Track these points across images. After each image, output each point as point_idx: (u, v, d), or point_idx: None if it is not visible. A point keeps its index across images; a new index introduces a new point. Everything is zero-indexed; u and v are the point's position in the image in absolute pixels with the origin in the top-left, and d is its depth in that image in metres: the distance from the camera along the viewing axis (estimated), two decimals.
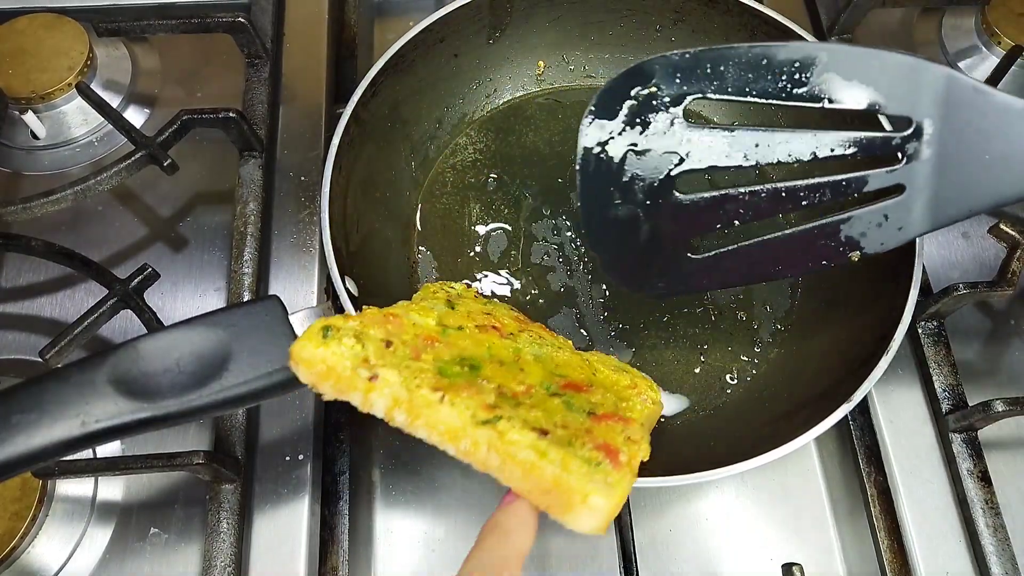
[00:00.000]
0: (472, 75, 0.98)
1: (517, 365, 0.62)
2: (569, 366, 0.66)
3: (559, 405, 0.57)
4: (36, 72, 0.99)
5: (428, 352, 0.58)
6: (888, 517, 0.81)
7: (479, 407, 0.53)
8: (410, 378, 0.54)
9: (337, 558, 0.80)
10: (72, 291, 0.90)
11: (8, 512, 0.75)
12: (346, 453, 0.84)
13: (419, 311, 0.63)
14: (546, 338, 0.72)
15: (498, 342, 0.64)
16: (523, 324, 0.73)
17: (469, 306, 0.70)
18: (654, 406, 0.67)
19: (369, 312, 0.61)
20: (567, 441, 0.53)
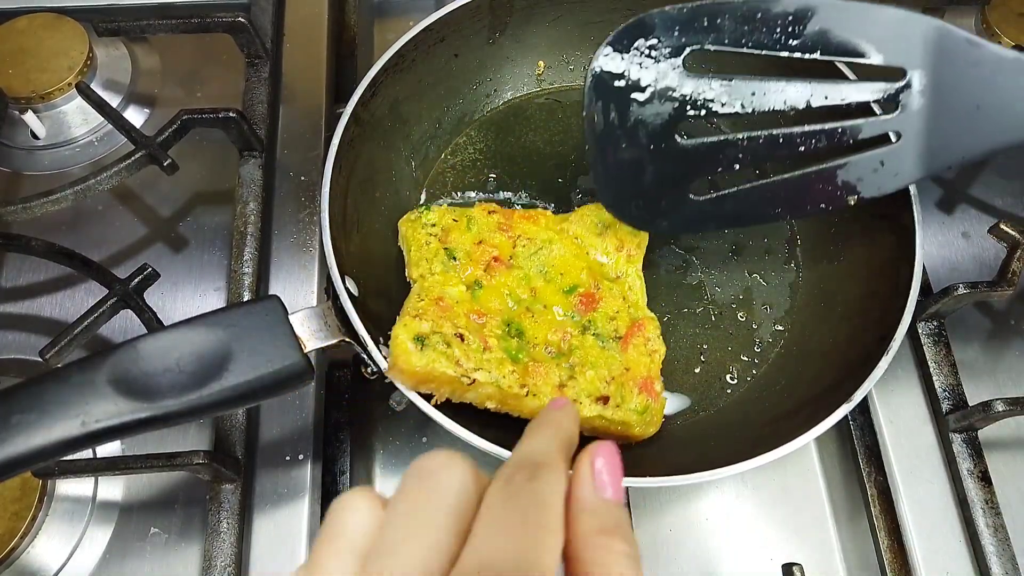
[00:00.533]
0: (472, 75, 0.98)
1: (537, 302, 0.78)
2: (569, 267, 0.80)
3: (594, 344, 0.76)
4: (36, 72, 0.99)
5: (484, 331, 0.73)
6: (888, 517, 0.81)
7: (552, 390, 0.72)
8: (498, 376, 0.70)
9: None
10: (72, 291, 0.90)
11: (8, 512, 0.75)
12: (346, 453, 0.84)
13: (445, 282, 0.76)
14: (532, 235, 0.81)
15: (508, 280, 0.78)
16: (507, 230, 0.81)
17: (461, 243, 0.79)
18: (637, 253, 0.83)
19: (424, 306, 0.72)
20: (620, 398, 0.74)
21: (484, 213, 0.83)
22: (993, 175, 1.01)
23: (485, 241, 0.80)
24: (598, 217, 0.84)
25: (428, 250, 0.79)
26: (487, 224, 0.82)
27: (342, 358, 0.89)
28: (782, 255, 0.92)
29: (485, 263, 0.78)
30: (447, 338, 0.69)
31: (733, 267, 0.91)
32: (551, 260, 0.81)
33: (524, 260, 0.80)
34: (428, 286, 0.75)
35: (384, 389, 0.78)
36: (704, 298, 0.89)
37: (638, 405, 0.74)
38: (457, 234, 0.80)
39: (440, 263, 0.78)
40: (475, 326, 0.73)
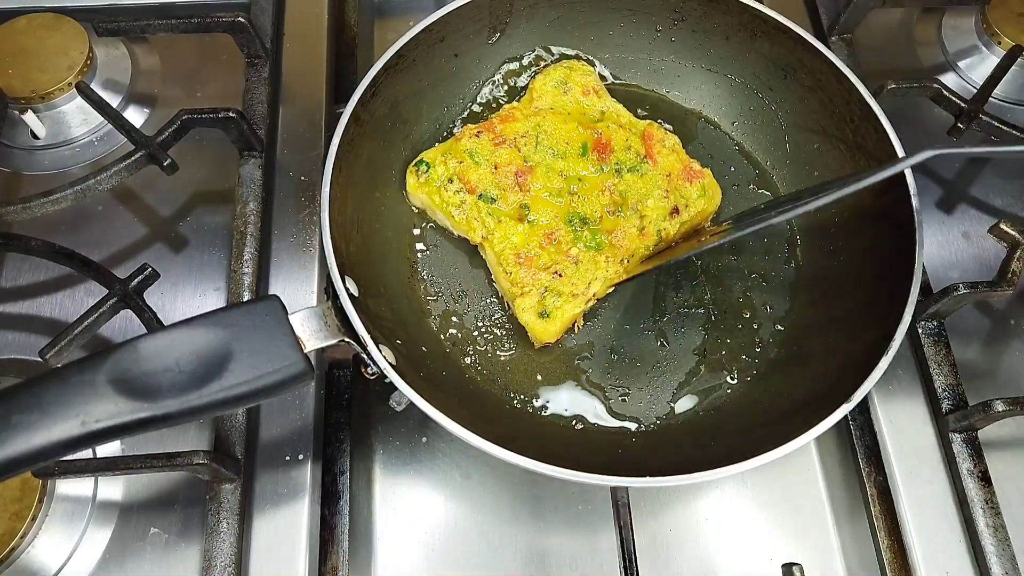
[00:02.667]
0: (472, 75, 0.98)
1: (569, 181, 0.87)
2: (567, 135, 0.89)
3: (634, 178, 0.87)
4: (36, 72, 0.99)
5: (565, 247, 0.84)
6: (888, 517, 0.81)
7: (638, 241, 0.85)
8: (607, 275, 0.85)
9: (337, 558, 0.80)
10: (72, 291, 0.90)
11: (8, 512, 0.75)
12: (346, 453, 0.84)
13: (508, 233, 0.84)
14: (523, 130, 0.89)
15: (539, 181, 0.86)
16: (502, 141, 0.88)
17: (483, 180, 0.86)
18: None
19: (546, 268, 0.83)
20: (682, 199, 0.88)
21: (473, 139, 0.88)
22: (993, 175, 1.01)
23: (499, 164, 0.86)
24: (551, 79, 0.93)
25: (471, 209, 0.85)
26: (485, 148, 0.88)
27: (342, 358, 0.89)
28: (782, 255, 0.92)
29: (515, 183, 0.86)
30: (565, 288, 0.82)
31: (733, 267, 0.91)
32: (552, 139, 0.88)
33: (535, 155, 0.87)
34: (506, 249, 0.83)
35: (384, 389, 0.78)
36: (704, 298, 0.89)
37: (697, 192, 0.87)
38: (473, 173, 0.86)
39: (487, 214, 0.84)
40: (560, 249, 0.84)
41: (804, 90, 0.92)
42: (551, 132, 0.89)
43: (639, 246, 0.86)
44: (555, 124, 0.89)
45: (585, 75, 0.94)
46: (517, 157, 0.87)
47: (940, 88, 0.95)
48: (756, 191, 0.96)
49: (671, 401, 0.84)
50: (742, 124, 0.99)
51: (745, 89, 0.97)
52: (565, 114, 0.91)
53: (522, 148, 0.88)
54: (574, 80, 0.93)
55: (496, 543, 0.84)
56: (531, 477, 0.77)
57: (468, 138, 0.87)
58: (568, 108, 0.92)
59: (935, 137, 1.00)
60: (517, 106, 0.92)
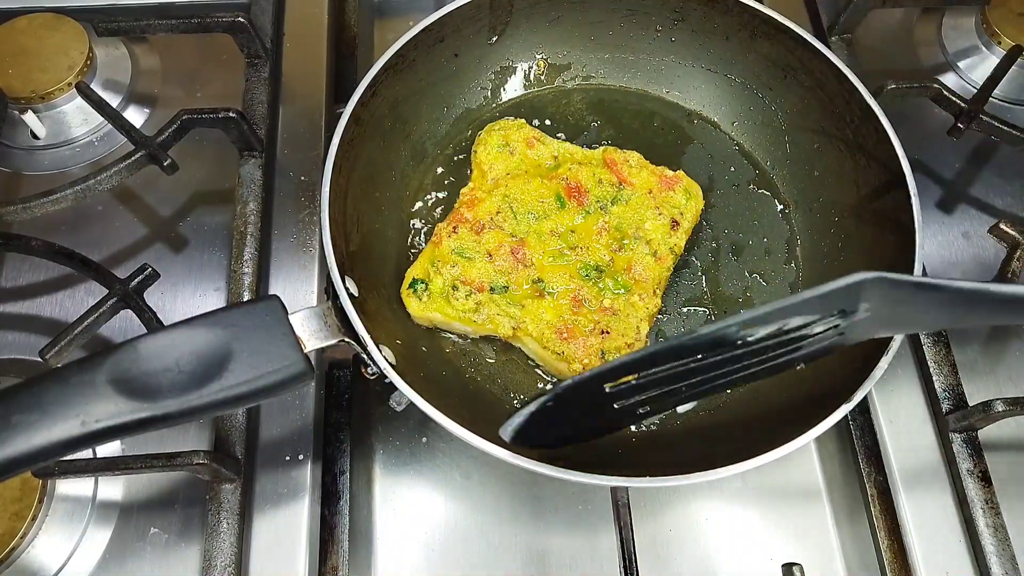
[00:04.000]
0: (472, 75, 0.98)
1: (562, 237, 0.86)
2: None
3: (626, 208, 0.88)
4: (36, 72, 0.99)
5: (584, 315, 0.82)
6: (888, 517, 0.81)
7: (652, 268, 0.85)
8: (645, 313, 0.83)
9: (337, 558, 0.80)
10: (72, 291, 0.90)
11: (8, 512, 0.75)
12: (346, 453, 0.84)
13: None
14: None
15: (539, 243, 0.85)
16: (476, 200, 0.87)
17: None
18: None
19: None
20: (675, 210, 0.88)
21: (453, 236, 0.84)
22: (993, 175, 1.01)
23: (491, 250, 0.84)
24: (492, 146, 0.90)
25: (488, 307, 0.82)
26: (469, 240, 0.84)
27: (342, 358, 0.89)
28: (782, 255, 0.92)
29: (516, 261, 0.84)
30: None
31: (733, 267, 0.91)
32: (525, 203, 0.86)
33: (519, 226, 0.86)
34: (544, 331, 0.81)
35: (384, 389, 0.78)
36: (704, 298, 0.89)
37: (683, 196, 0.89)
38: (472, 270, 0.83)
39: (508, 304, 0.82)
40: (592, 307, 0.82)
41: (804, 90, 0.92)
42: (521, 197, 0.86)
43: (661, 270, 0.85)
44: (521, 188, 0.86)
45: (520, 129, 0.92)
46: (503, 236, 0.84)
47: (940, 88, 0.95)
48: (756, 191, 0.96)
49: None
50: (742, 124, 0.99)
51: (745, 89, 0.97)
52: (523, 174, 0.88)
53: (504, 225, 0.85)
54: (513, 138, 0.91)
55: (496, 543, 0.84)
56: (531, 477, 0.77)
57: (448, 238, 0.84)
58: (522, 167, 0.90)
59: (935, 137, 1.00)
60: (474, 187, 0.89)
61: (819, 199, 0.92)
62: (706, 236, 0.93)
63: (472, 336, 0.84)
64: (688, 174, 0.95)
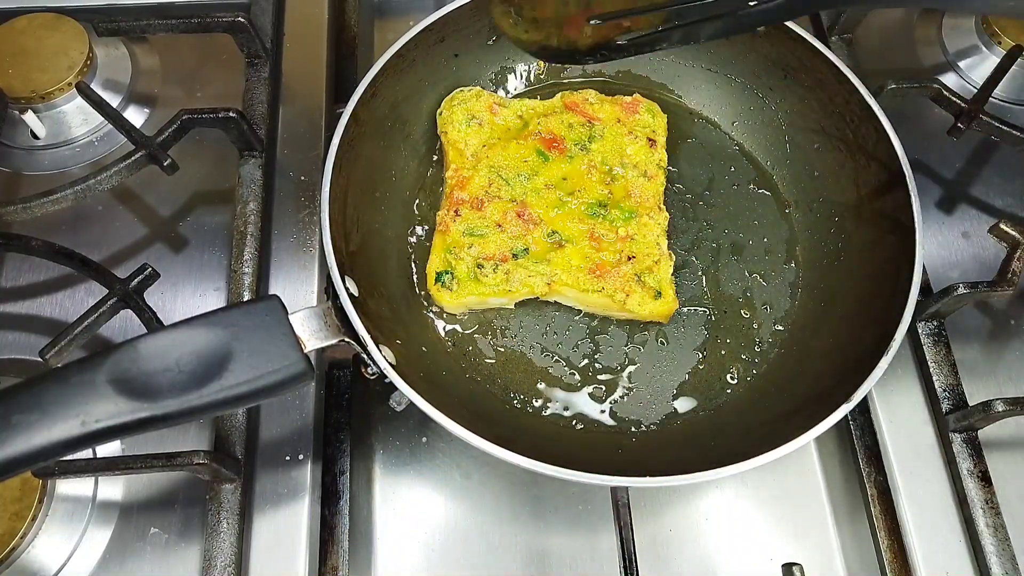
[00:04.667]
0: (472, 75, 0.98)
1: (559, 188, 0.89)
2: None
3: (608, 143, 0.92)
4: (36, 72, 0.99)
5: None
6: (888, 517, 0.81)
7: (652, 201, 0.89)
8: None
9: (337, 558, 0.80)
10: (72, 291, 0.90)
11: (8, 512, 0.75)
12: (346, 453, 0.84)
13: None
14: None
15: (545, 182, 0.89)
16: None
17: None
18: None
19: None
20: (651, 131, 0.93)
21: (457, 220, 0.86)
22: (993, 175, 1.01)
23: (499, 220, 0.87)
24: (458, 122, 0.91)
25: (518, 272, 0.85)
26: (474, 218, 0.87)
27: (342, 358, 0.89)
28: (782, 255, 0.92)
29: (526, 223, 0.87)
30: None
31: (733, 267, 0.91)
32: (511, 168, 0.89)
33: (515, 190, 0.88)
34: (579, 277, 0.84)
35: (384, 389, 0.78)
36: (704, 298, 0.89)
37: (649, 114, 0.94)
38: (489, 244, 0.85)
39: (534, 263, 0.86)
40: (612, 240, 0.86)
41: (804, 90, 0.92)
42: (506, 163, 0.88)
43: (656, 186, 0.90)
44: (502, 155, 0.89)
45: (479, 97, 0.93)
46: (504, 203, 0.86)
47: (940, 88, 0.94)
48: (756, 191, 0.96)
49: (671, 401, 0.84)
50: (742, 124, 0.99)
51: (745, 89, 0.97)
52: (498, 141, 0.90)
53: (500, 193, 0.87)
54: (476, 108, 0.92)
55: (496, 543, 0.84)
56: (531, 477, 0.77)
57: (453, 223, 0.85)
58: (493, 135, 0.91)
59: (935, 137, 0.99)
60: (457, 167, 0.89)
61: (819, 199, 0.92)
62: (706, 236, 0.93)
63: (509, 306, 0.86)
64: (688, 174, 0.95)
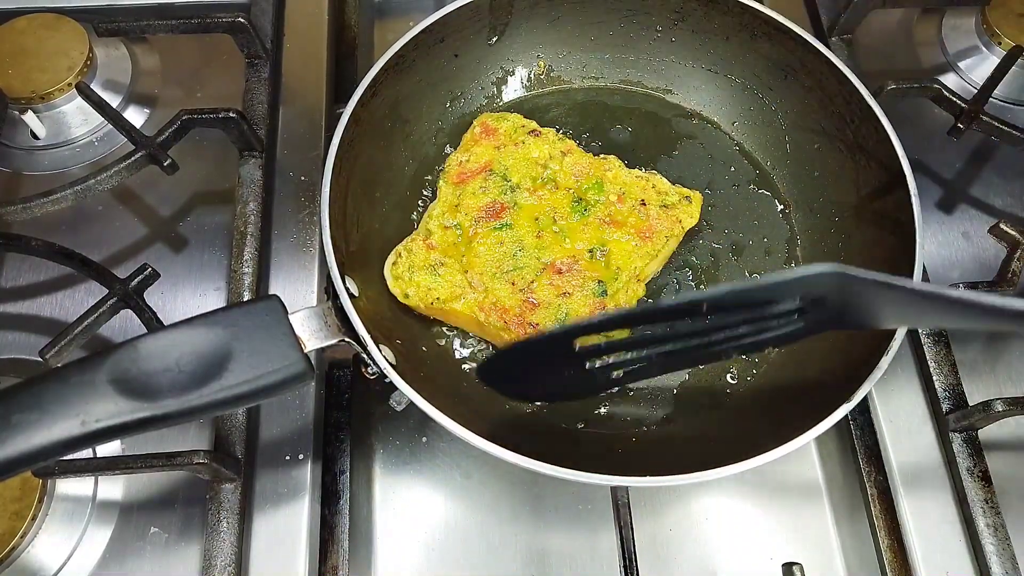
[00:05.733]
0: (472, 75, 0.98)
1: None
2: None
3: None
4: (36, 72, 0.99)
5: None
6: (888, 517, 0.81)
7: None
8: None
9: (337, 558, 0.80)
10: (72, 291, 0.90)
11: (8, 511, 0.75)
12: (346, 453, 0.84)
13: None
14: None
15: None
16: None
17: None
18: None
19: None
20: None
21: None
22: (993, 175, 1.01)
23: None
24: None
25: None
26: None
27: (342, 358, 0.89)
28: (782, 255, 0.92)
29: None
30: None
31: (733, 267, 0.91)
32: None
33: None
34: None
35: (384, 389, 0.78)
36: None
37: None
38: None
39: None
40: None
41: (804, 90, 0.92)
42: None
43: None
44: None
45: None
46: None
47: (940, 88, 0.95)
48: (756, 191, 0.96)
49: (671, 401, 0.84)
50: (742, 124, 0.99)
51: (745, 89, 0.97)
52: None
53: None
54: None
55: (496, 543, 0.84)
56: (531, 477, 0.77)
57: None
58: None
59: (935, 137, 1.00)
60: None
61: (819, 199, 0.92)
62: (706, 236, 0.93)
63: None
64: (688, 174, 0.95)
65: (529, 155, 0.89)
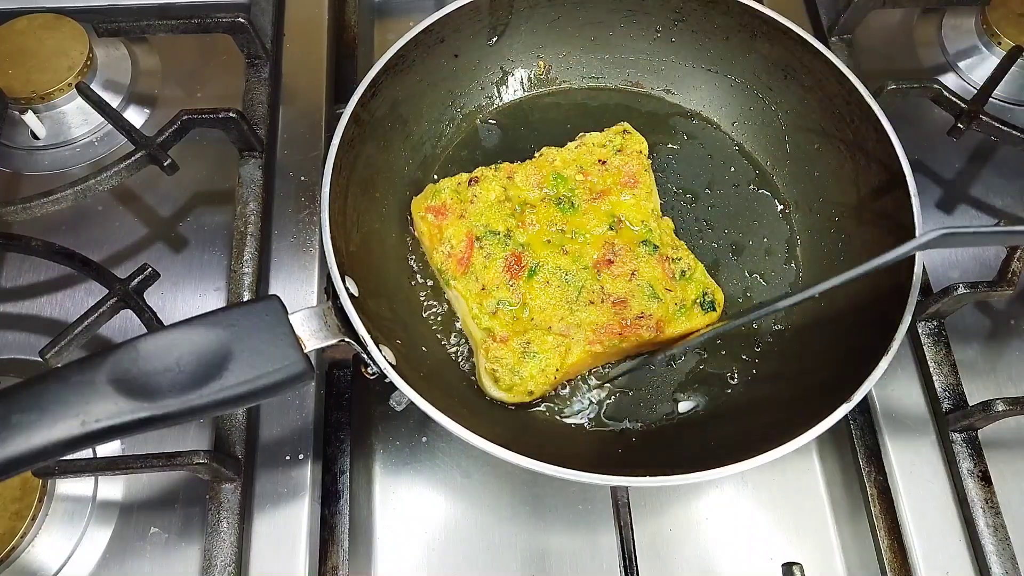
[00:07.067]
0: (472, 75, 0.98)
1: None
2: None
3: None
4: (36, 72, 0.99)
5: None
6: (888, 517, 0.81)
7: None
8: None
9: (337, 558, 0.80)
10: (72, 291, 0.90)
11: (8, 511, 0.75)
12: (346, 453, 0.84)
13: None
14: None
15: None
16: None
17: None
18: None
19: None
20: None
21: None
22: (993, 175, 1.01)
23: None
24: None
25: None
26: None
27: (342, 358, 0.89)
28: (782, 255, 0.92)
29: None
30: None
31: (733, 267, 0.91)
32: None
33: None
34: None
35: (384, 389, 0.78)
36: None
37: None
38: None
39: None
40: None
41: (804, 90, 0.92)
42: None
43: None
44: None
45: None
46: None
47: (940, 88, 0.95)
48: (756, 191, 0.96)
49: (671, 401, 0.84)
50: (742, 124, 0.99)
51: (745, 89, 0.97)
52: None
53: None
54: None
55: (496, 543, 0.84)
56: (531, 477, 0.77)
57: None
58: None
59: (935, 137, 1.00)
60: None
61: (819, 199, 0.92)
62: (706, 236, 0.93)
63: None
64: (688, 174, 0.95)
65: (489, 201, 0.86)
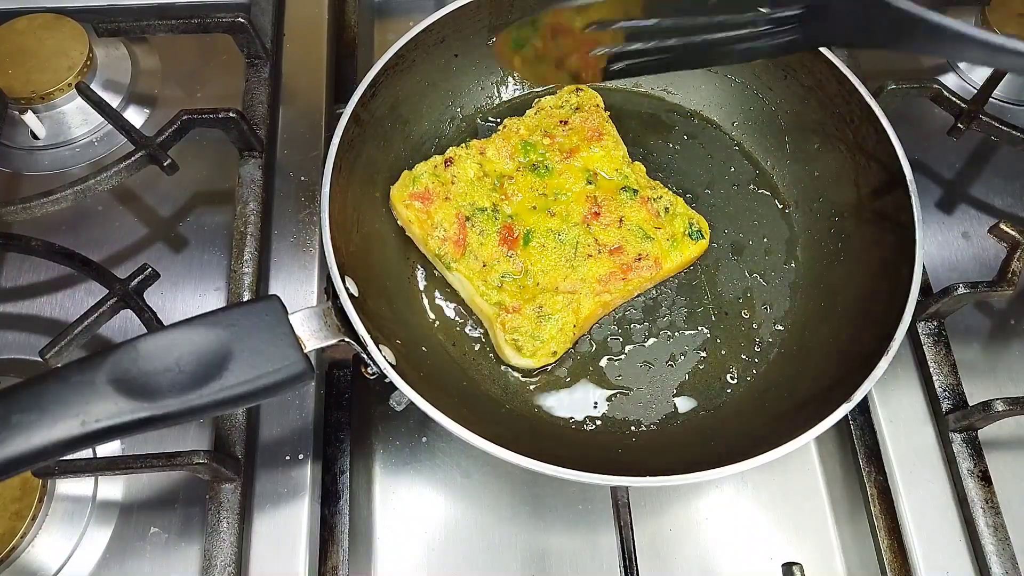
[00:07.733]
0: (472, 75, 0.98)
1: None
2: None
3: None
4: (36, 72, 0.99)
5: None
6: (888, 517, 0.81)
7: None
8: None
9: (337, 558, 0.80)
10: (72, 291, 0.90)
11: (8, 511, 0.75)
12: (346, 453, 0.84)
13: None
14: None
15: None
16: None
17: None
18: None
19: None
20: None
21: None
22: (993, 175, 1.01)
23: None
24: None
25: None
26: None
27: (342, 358, 0.89)
28: (782, 255, 0.92)
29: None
30: None
31: (733, 267, 0.91)
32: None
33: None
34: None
35: (384, 389, 0.78)
36: (704, 298, 0.89)
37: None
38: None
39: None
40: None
41: (804, 90, 0.92)
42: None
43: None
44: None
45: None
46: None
47: (940, 88, 0.95)
48: (756, 191, 0.96)
49: (672, 401, 0.84)
50: (742, 124, 0.99)
51: (745, 89, 0.97)
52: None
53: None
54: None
55: (496, 543, 0.84)
56: (531, 477, 0.77)
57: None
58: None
59: (935, 137, 1.00)
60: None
61: (819, 199, 0.92)
62: None
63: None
64: (688, 174, 0.95)
65: (469, 178, 0.87)
